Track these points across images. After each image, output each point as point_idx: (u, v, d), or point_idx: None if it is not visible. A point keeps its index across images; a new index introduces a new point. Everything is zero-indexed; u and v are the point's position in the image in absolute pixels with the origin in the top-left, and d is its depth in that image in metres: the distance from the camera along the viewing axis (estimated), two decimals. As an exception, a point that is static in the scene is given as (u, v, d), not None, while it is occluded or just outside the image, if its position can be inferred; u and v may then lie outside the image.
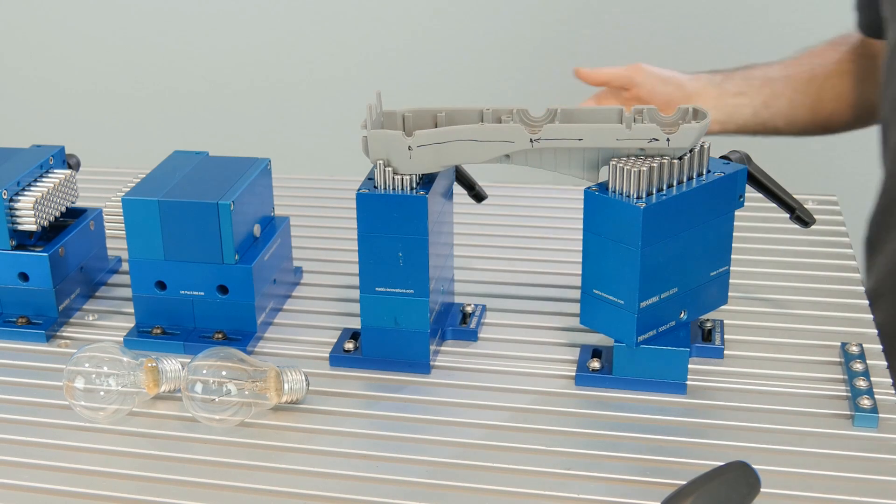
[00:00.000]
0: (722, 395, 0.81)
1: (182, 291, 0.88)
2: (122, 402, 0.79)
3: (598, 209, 0.79)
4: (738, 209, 0.83)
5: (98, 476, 0.74)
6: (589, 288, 0.82)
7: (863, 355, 0.84)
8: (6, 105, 2.16)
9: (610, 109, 0.78)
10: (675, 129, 0.75)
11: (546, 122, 0.75)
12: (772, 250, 1.03)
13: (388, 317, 0.83)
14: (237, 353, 0.79)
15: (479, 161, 0.74)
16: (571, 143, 0.71)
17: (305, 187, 1.21)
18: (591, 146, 0.72)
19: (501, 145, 0.70)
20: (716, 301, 0.86)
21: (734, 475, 0.67)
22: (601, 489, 0.71)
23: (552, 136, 0.71)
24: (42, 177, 0.94)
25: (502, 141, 0.70)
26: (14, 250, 0.90)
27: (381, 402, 0.82)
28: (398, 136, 0.71)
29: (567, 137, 0.72)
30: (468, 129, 0.71)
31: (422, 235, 0.80)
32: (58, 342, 0.91)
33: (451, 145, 0.70)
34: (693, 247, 0.81)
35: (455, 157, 0.70)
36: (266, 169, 0.93)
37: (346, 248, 1.03)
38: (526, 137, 0.70)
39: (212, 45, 2.02)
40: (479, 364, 0.86)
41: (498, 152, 0.70)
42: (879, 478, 0.72)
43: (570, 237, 1.05)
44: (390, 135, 0.72)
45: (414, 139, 0.69)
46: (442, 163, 0.69)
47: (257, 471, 0.74)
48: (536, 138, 0.71)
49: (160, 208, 0.85)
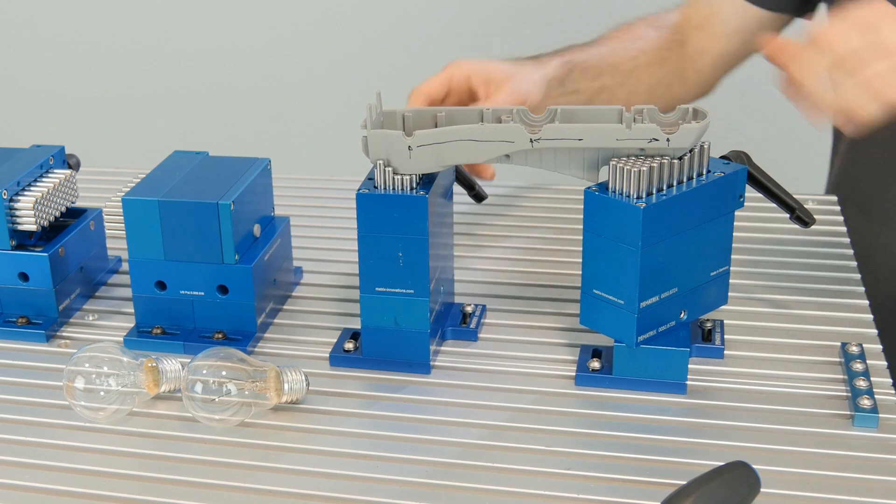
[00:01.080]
0: (722, 395, 0.81)
1: (182, 291, 0.88)
2: (122, 402, 0.79)
3: (598, 209, 0.79)
4: (738, 209, 0.83)
5: (98, 476, 0.74)
6: (589, 288, 0.82)
7: (863, 355, 0.84)
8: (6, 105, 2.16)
9: (610, 109, 0.78)
10: (675, 129, 0.75)
11: (546, 122, 0.75)
12: (772, 250, 1.03)
13: (388, 317, 0.83)
14: (237, 353, 0.79)
15: (479, 161, 0.74)
16: (571, 143, 0.71)
17: (305, 187, 1.21)
18: (591, 146, 0.72)
19: (501, 145, 0.70)
20: (716, 301, 0.86)
21: (734, 475, 0.67)
22: (601, 489, 0.71)
23: (552, 136, 0.71)
24: (42, 177, 0.94)
25: (502, 141, 0.70)
26: (14, 250, 0.90)
27: (381, 402, 0.82)
28: (398, 135, 0.71)
29: (567, 137, 0.72)
30: (468, 129, 0.71)
31: (422, 235, 0.80)
32: (58, 342, 0.91)
33: (451, 145, 0.70)
34: (693, 247, 0.81)
35: (455, 157, 0.70)
36: (266, 169, 0.93)
37: (346, 248, 1.02)
38: (526, 137, 0.70)
39: (212, 46, 2.02)
40: (479, 364, 0.86)
41: (498, 152, 0.70)
42: (879, 478, 0.72)
43: (570, 237, 1.05)
44: (390, 135, 0.72)
45: (414, 139, 0.69)
46: (442, 163, 0.69)
47: (257, 471, 0.74)
48: (536, 138, 0.71)
49: (160, 208, 0.85)
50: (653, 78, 1.14)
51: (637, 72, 1.13)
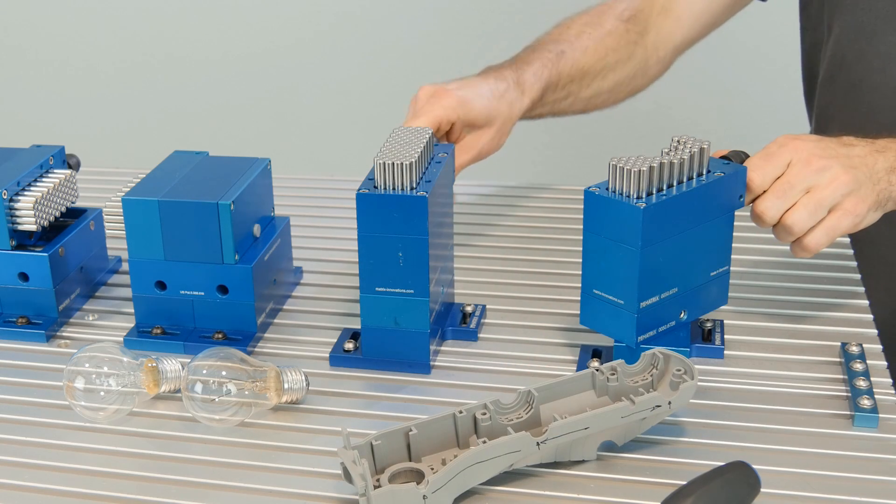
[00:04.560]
0: (722, 395, 0.81)
1: (182, 291, 0.88)
2: (122, 402, 0.79)
3: (598, 209, 0.79)
4: (739, 209, 0.83)
5: (98, 476, 0.74)
6: (589, 288, 0.82)
7: (863, 355, 0.84)
8: (6, 105, 2.16)
9: (583, 375, 0.76)
10: (662, 384, 0.75)
11: (519, 407, 0.73)
12: (772, 250, 1.03)
13: (388, 317, 0.83)
14: (237, 353, 0.79)
15: (489, 476, 0.72)
16: (578, 434, 0.71)
17: (305, 187, 1.21)
18: (597, 430, 0.72)
19: (510, 457, 0.70)
20: (716, 301, 0.86)
21: (734, 475, 0.67)
22: (601, 489, 0.71)
23: (558, 434, 0.71)
24: (42, 177, 0.94)
25: (509, 453, 0.70)
26: (14, 250, 0.90)
27: (381, 402, 0.82)
28: (411, 488, 0.68)
29: (573, 430, 0.71)
30: (474, 453, 0.69)
31: (422, 235, 0.80)
32: (58, 342, 0.91)
33: (461, 475, 0.69)
34: (693, 247, 0.81)
35: (467, 482, 0.69)
36: (266, 169, 0.93)
37: (346, 248, 1.03)
38: (532, 442, 0.70)
39: (212, 46, 2.03)
40: (479, 364, 0.86)
41: (507, 463, 0.70)
42: (879, 478, 0.72)
43: (570, 237, 1.05)
44: (400, 491, 0.67)
45: (428, 487, 0.67)
46: (455, 494, 0.69)
47: (257, 471, 0.74)
48: (543, 440, 0.70)
49: (160, 208, 0.85)
50: (618, 75, 1.13)
51: (604, 71, 1.12)
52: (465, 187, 1.19)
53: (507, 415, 0.73)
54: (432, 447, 0.72)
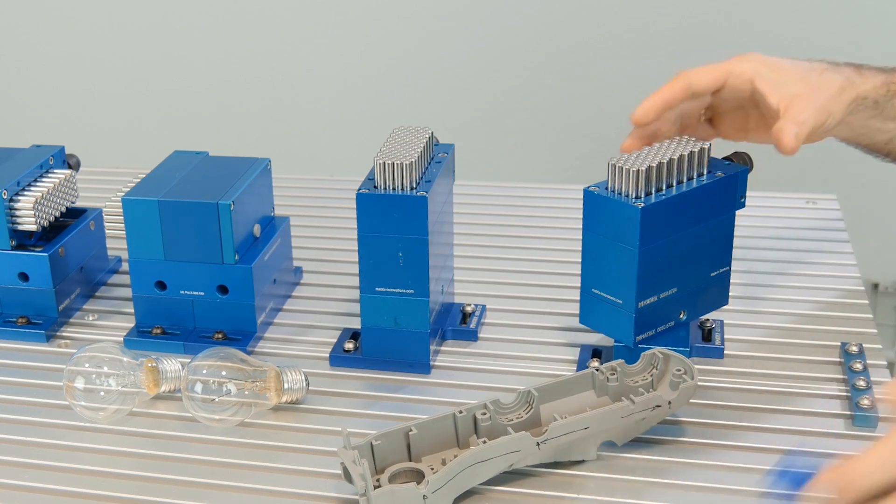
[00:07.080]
0: (722, 395, 0.81)
1: (182, 291, 0.88)
2: (122, 402, 0.79)
3: (597, 209, 0.79)
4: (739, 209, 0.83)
5: (98, 476, 0.74)
6: (588, 287, 0.82)
7: (863, 355, 0.84)
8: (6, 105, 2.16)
9: (583, 375, 0.76)
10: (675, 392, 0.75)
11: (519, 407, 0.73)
12: (772, 250, 1.03)
13: (388, 317, 0.83)
14: (237, 353, 0.79)
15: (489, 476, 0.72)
16: (578, 435, 0.71)
17: (305, 187, 1.21)
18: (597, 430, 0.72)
19: (509, 457, 0.70)
20: (716, 302, 0.85)
21: None
22: (602, 489, 0.71)
23: (558, 434, 0.71)
24: (42, 177, 0.94)
25: (509, 453, 0.70)
26: (14, 250, 0.90)
27: (381, 402, 0.82)
28: (411, 488, 0.68)
29: (573, 430, 0.71)
30: (472, 454, 0.69)
31: (422, 235, 0.80)
32: (58, 342, 0.91)
33: (461, 476, 0.69)
34: (693, 247, 0.81)
35: (466, 483, 0.70)
36: (266, 169, 0.93)
37: (346, 248, 1.02)
38: (532, 442, 0.70)
39: (212, 45, 2.02)
40: (479, 364, 0.86)
41: (506, 463, 0.71)
42: (879, 478, 0.71)
43: (570, 237, 1.05)
44: (400, 490, 0.67)
45: (428, 487, 0.67)
46: (455, 494, 0.70)
47: (257, 471, 0.74)
48: (543, 440, 0.71)
49: (160, 208, 0.85)
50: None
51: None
52: (465, 187, 1.19)
53: (507, 415, 0.73)
54: (432, 447, 0.72)
